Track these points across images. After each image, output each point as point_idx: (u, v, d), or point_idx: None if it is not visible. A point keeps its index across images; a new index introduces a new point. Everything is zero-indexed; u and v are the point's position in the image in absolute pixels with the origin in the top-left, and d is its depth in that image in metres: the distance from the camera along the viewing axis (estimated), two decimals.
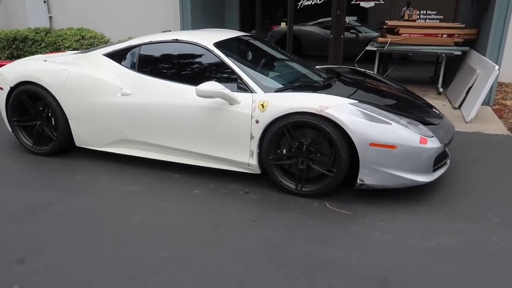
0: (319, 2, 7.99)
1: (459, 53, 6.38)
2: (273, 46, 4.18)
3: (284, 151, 3.07)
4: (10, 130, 4.03)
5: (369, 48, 6.93)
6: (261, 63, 3.58)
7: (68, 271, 2.22)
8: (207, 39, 3.47)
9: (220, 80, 3.21)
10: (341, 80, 3.71)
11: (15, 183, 3.33)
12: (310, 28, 9.30)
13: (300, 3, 8.04)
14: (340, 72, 4.07)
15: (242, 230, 2.62)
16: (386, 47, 6.65)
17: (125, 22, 8.87)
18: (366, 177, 2.88)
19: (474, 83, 5.57)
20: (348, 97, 3.07)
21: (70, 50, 8.30)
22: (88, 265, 2.27)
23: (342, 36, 8.01)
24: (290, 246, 2.44)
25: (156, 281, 2.14)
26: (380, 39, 6.78)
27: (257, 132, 3.05)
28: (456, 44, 6.49)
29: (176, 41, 3.50)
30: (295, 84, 3.37)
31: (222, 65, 3.30)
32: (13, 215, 2.81)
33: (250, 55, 3.65)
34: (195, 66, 3.40)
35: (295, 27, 8.41)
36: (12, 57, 8.84)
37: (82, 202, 3.00)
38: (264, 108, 3.00)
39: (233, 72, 3.23)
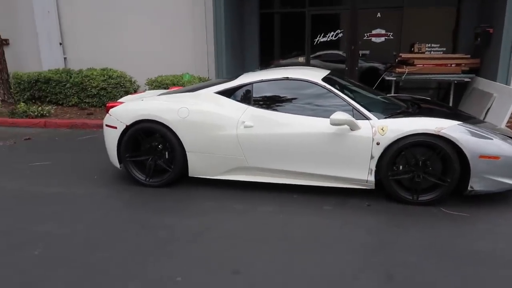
0: (334, 39, 8.85)
1: (468, 79, 7.33)
2: (349, 79, 4.79)
3: (401, 167, 3.62)
4: (119, 166, 4.31)
5: (387, 77, 7.74)
6: (355, 94, 4.16)
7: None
8: (314, 76, 4.03)
9: (334, 110, 3.75)
10: (422, 106, 4.35)
11: (160, 209, 3.63)
12: (314, 61, 10.04)
13: (316, 39, 8.85)
14: (409, 99, 4.73)
15: (415, 237, 3.11)
16: (404, 76, 7.49)
17: (141, 63, 9.24)
18: (475, 184, 3.48)
19: (491, 105, 6.46)
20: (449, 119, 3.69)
21: (97, 89, 8.56)
22: (293, 279, 2.66)
23: (356, 68, 8.87)
24: (451, 243, 2.97)
25: None
26: (398, 70, 7.62)
27: (377, 153, 3.59)
28: (463, 72, 7.44)
29: (287, 79, 4.03)
30: (397, 111, 3.97)
31: (333, 97, 3.85)
32: (186, 238, 3.13)
33: (343, 87, 4.22)
34: (308, 100, 3.92)
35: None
36: (33, 99, 8.95)
37: (233, 223, 3.36)
38: (384, 132, 3.56)
39: (346, 103, 3.79)
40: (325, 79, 4.02)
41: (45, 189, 4.22)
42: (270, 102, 4.00)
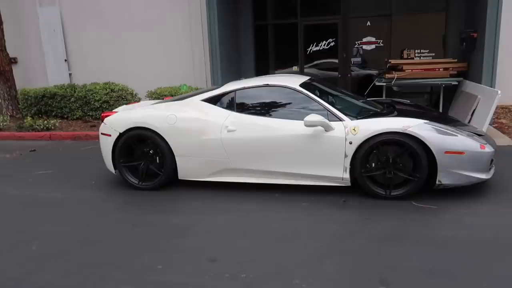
0: (326, 48, 9.14)
1: (456, 83, 7.54)
2: (330, 85, 5.06)
3: (373, 164, 3.86)
4: (114, 171, 4.61)
5: (378, 83, 7.99)
6: (334, 98, 4.43)
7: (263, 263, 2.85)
8: (292, 82, 4.31)
9: (311, 113, 4.01)
10: (397, 108, 4.59)
11: (150, 209, 3.91)
12: (308, 70, 10.32)
13: (309, 49, 9.15)
14: (388, 102, 4.98)
15: (383, 227, 3.35)
16: (393, 82, 7.73)
17: (143, 76, 9.66)
18: (443, 178, 3.70)
19: (476, 106, 6.66)
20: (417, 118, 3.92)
21: (100, 102, 8.94)
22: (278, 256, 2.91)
23: (349, 75, 9.15)
24: (416, 230, 3.19)
25: None
26: (387, 75, 7.86)
27: (350, 151, 3.84)
28: (451, 75, 7.66)
29: (267, 85, 4.32)
30: (370, 113, 4.22)
31: (310, 101, 4.12)
32: (171, 233, 3.40)
33: (323, 92, 4.49)
34: (287, 104, 4.19)
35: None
36: (40, 113, 9.36)
37: (216, 220, 3.62)
38: (356, 132, 3.81)
39: (321, 106, 4.06)
40: (303, 85, 4.29)
41: (46, 195, 4.53)
42: (252, 108, 4.28)
